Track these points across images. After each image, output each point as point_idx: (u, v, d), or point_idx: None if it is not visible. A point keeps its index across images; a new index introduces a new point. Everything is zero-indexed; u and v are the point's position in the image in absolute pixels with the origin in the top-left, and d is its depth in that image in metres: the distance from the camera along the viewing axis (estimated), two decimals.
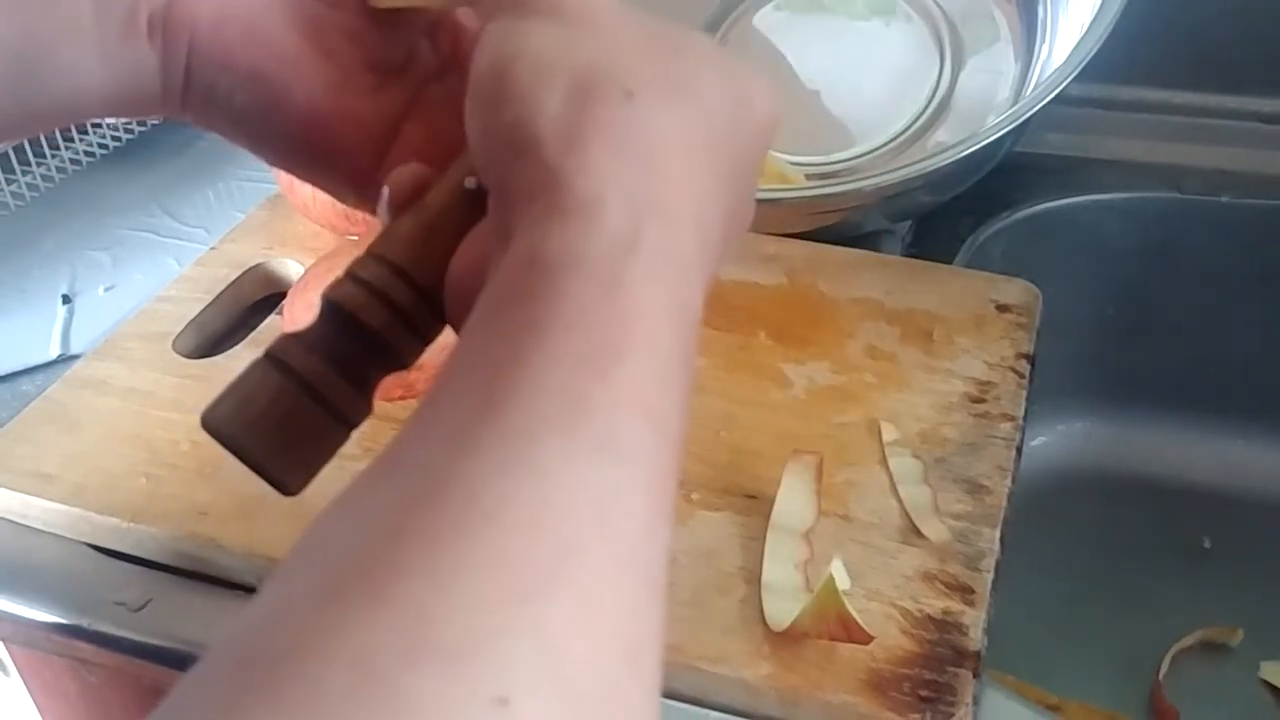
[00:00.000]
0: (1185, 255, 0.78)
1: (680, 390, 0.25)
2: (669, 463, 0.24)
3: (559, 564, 0.20)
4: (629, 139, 0.26)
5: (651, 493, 0.23)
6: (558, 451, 0.22)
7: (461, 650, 0.19)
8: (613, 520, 0.22)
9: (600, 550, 0.21)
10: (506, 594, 0.20)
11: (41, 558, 0.53)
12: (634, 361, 0.24)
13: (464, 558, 0.20)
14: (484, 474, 0.21)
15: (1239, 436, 0.82)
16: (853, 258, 0.67)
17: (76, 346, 0.68)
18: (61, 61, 0.33)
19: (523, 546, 0.20)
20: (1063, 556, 0.76)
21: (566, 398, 0.23)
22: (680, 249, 0.26)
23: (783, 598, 0.47)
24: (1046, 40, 0.73)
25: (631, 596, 0.22)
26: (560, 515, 0.21)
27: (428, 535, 0.20)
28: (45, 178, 0.79)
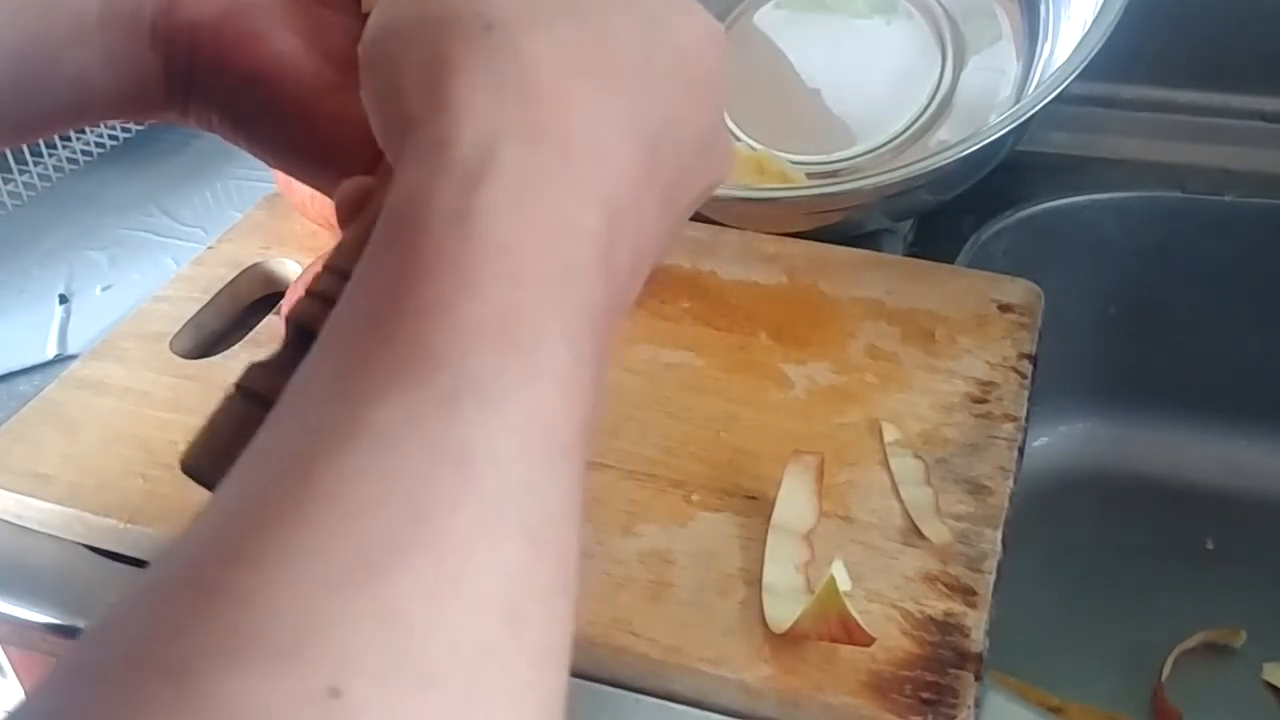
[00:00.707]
0: (1188, 255, 0.78)
1: (562, 319, 0.23)
2: (559, 400, 0.22)
3: (407, 534, 0.19)
4: (487, 68, 0.24)
5: (527, 437, 0.21)
6: (404, 409, 0.20)
7: (290, 644, 0.17)
8: (475, 474, 0.20)
9: (461, 510, 0.19)
10: (343, 577, 0.18)
11: (38, 558, 0.53)
12: (491, 296, 0.22)
13: (296, 543, 0.18)
14: (324, 449, 0.20)
15: (1242, 437, 0.82)
16: (854, 257, 0.67)
17: (74, 346, 0.68)
18: (67, 65, 0.33)
19: (360, 522, 0.19)
20: (1065, 557, 0.76)
21: (414, 349, 0.21)
22: (551, 166, 0.24)
23: (783, 599, 0.47)
24: (1049, 38, 0.73)
25: (506, 555, 0.20)
26: (408, 480, 0.19)
27: (259, 523, 0.19)
28: (42, 177, 0.79)
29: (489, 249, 0.22)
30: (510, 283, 0.22)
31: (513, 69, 0.25)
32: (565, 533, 0.22)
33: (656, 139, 0.27)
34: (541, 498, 0.21)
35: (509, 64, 0.25)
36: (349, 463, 0.19)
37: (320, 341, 0.23)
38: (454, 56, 0.25)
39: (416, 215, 0.23)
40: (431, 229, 0.22)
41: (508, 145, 0.23)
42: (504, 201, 0.23)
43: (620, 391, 0.58)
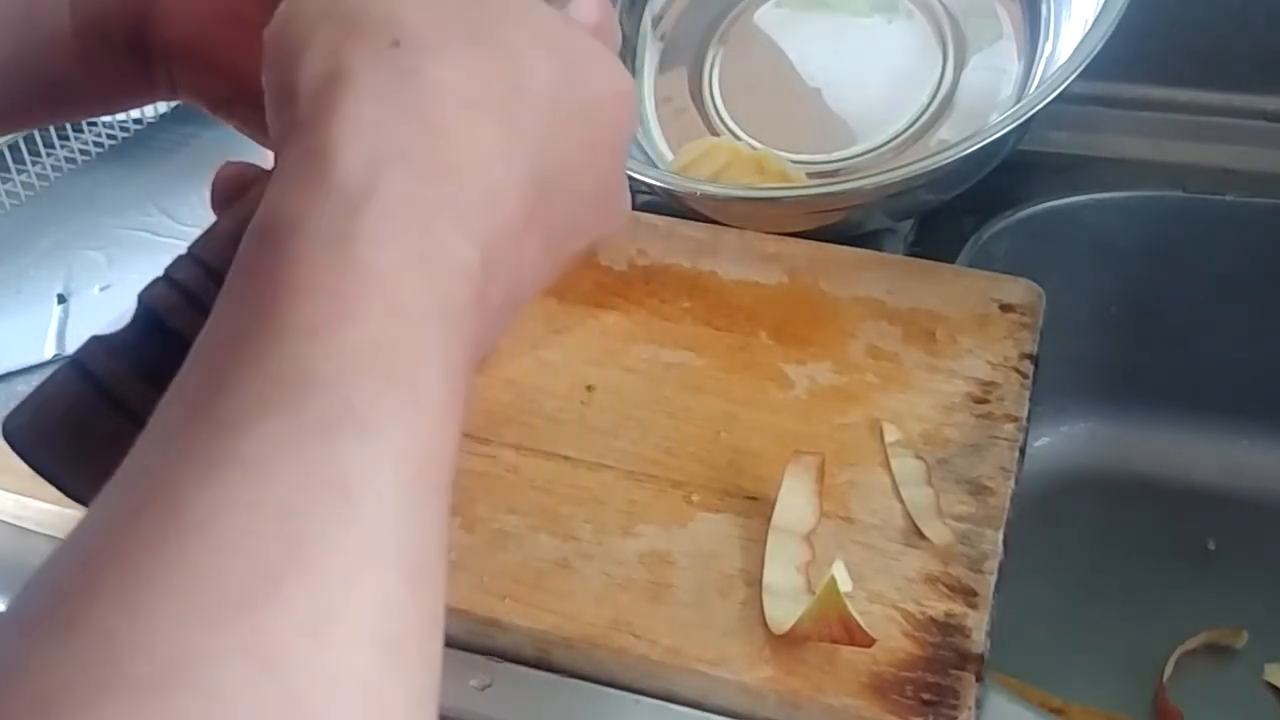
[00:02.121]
0: (1190, 254, 0.77)
1: (439, 353, 0.22)
2: (435, 433, 0.21)
3: (283, 566, 0.18)
4: (385, 86, 0.23)
5: (407, 467, 0.20)
6: (277, 437, 0.19)
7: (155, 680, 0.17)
8: (351, 505, 0.19)
9: (331, 542, 0.19)
10: (214, 611, 0.17)
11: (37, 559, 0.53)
12: (370, 324, 0.21)
13: (162, 576, 0.18)
14: (194, 477, 0.19)
15: (1244, 437, 0.82)
16: (854, 257, 0.67)
17: (72, 346, 0.67)
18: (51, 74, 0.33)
19: (233, 554, 0.18)
20: (1066, 558, 0.76)
21: (287, 374, 0.20)
22: (438, 198, 0.23)
23: (784, 600, 0.46)
24: (1050, 37, 0.73)
25: (385, 588, 0.19)
26: (282, 510, 0.19)
27: (122, 555, 0.18)
28: (40, 176, 0.79)
29: (369, 277, 0.21)
30: (390, 314, 0.21)
31: (412, 91, 0.24)
32: (438, 567, 0.21)
33: (548, 184, 0.26)
34: (419, 531, 0.20)
35: (409, 85, 0.24)
36: (219, 492, 0.19)
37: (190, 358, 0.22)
38: (353, 65, 0.24)
39: (293, 231, 0.22)
40: (309, 249, 0.21)
41: (395, 172, 0.22)
42: (386, 230, 0.22)
43: (620, 391, 0.57)
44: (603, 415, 0.56)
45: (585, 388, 0.58)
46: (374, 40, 0.24)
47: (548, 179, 0.26)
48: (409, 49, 0.24)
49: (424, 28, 0.24)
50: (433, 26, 0.25)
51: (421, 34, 0.24)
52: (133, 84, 0.34)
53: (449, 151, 0.23)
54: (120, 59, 0.34)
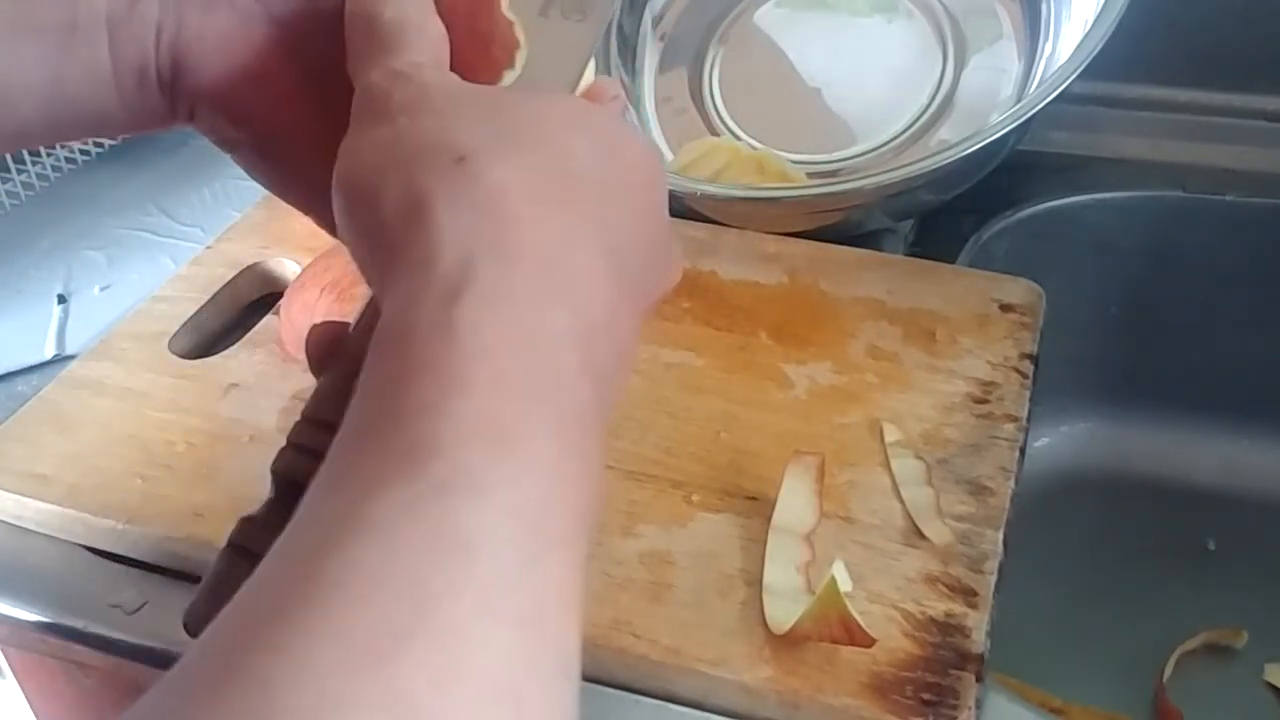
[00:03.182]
0: (1190, 254, 0.77)
1: (548, 415, 0.24)
2: (544, 490, 0.23)
3: (410, 620, 0.20)
4: (461, 196, 0.26)
5: (520, 524, 0.22)
6: (400, 501, 0.21)
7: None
8: (470, 561, 0.21)
9: (460, 596, 0.20)
10: (355, 661, 0.19)
11: (37, 559, 0.53)
12: (478, 395, 0.23)
13: (309, 629, 0.19)
14: (329, 542, 0.21)
15: (1243, 437, 0.82)
16: (854, 257, 0.67)
17: (72, 346, 0.68)
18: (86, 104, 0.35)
19: (370, 609, 0.20)
20: (1066, 558, 0.76)
21: (408, 446, 0.22)
22: (525, 280, 0.26)
23: (784, 600, 0.46)
24: (1050, 37, 0.73)
25: (506, 639, 0.21)
26: (407, 568, 0.20)
27: (273, 612, 0.20)
28: (40, 176, 0.79)
29: (471, 353, 0.24)
30: (494, 383, 0.23)
31: (483, 195, 0.26)
32: (564, 617, 0.22)
33: (619, 253, 0.29)
34: (537, 583, 0.22)
35: (480, 191, 0.26)
36: (351, 554, 0.20)
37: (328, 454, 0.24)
38: (429, 187, 0.26)
39: (405, 329, 0.24)
40: (418, 339, 0.24)
41: (484, 262, 0.25)
42: (482, 311, 0.24)
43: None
44: None
45: None
46: (439, 162, 0.27)
47: (616, 248, 0.29)
48: (472, 160, 0.27)
49: (479, 141, 0.27)
50: (486, 139, 0.28)
51: (478, 147, 0.27)
52: (157, 115, 0.37)
53: (527, 240, 0.26)
54: (151, 96, 0.36)
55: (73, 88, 0.35)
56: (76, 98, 0.35)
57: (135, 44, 0.35)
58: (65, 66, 0.34)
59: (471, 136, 0.28)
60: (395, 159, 0.28)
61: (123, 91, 0.35)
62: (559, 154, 0.28)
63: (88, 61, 0.34)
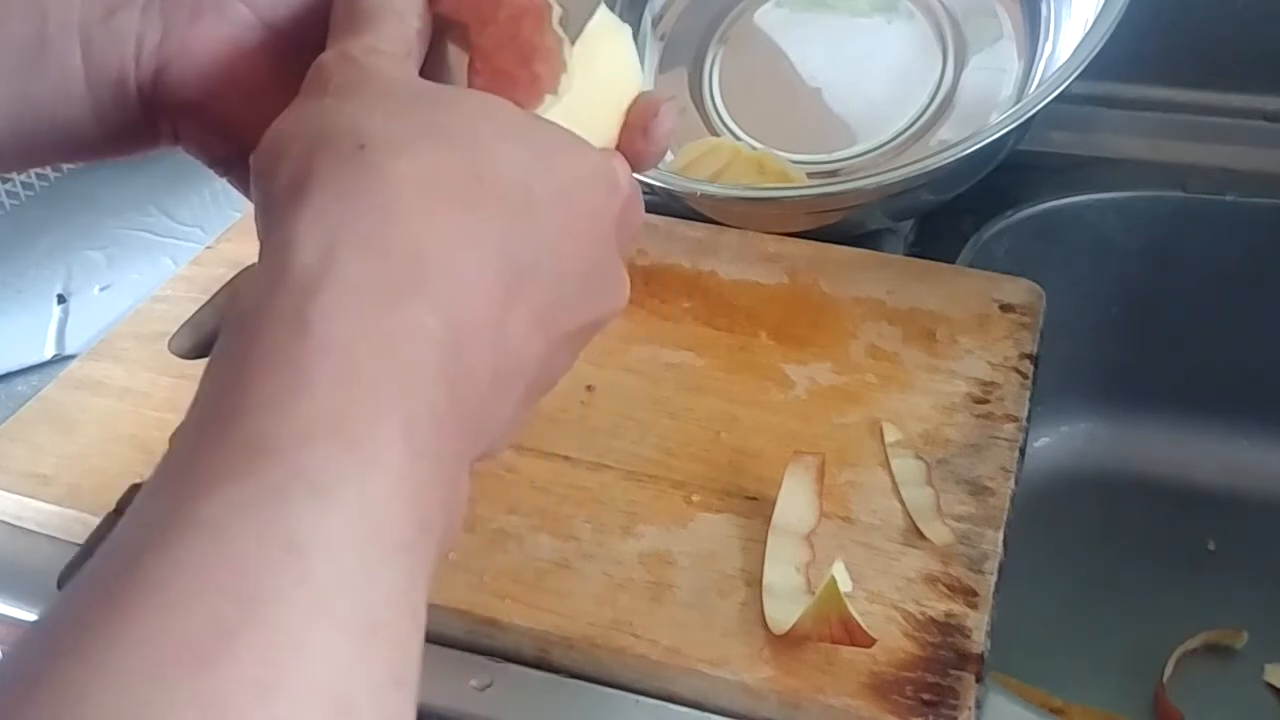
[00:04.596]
0: (1190, 254, 0.77)
1: (396, 416, 0.23)
2: (386, 493, 0.22)
3: (235, 624, 0.19)
4: (346, 184, 0.25)
5: (358, 528, 0.21)
6: (234, 501, 0.20)
7: None
8: (302, 566, 0.20)
9: (291, 600, 0.20)
10: (167, 666, 0.18)
11: (36, 560, 0.53)
12: (322, 392, 0.22)
13: (119, 634, 0.18)
14: (153, 542, 0.20)
15: (1244, 437, 0.82)
16: (855, 257, 0.67)
17: (72, 346, 0.68)
18: (58, 121, 0.34)
19: (187, 612, 0.19)
20: (1066, 558, 0.76)
21: (247, 444, 0.21)
22: (394, 277, 0.24)
23: (784, 600, 0.46)
24: (1050, 37, 0.73)
25: (338, 646, 0.20)
26: (235, 570, 0.19)
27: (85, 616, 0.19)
28: (40, 176, 0.79)
29: (321, 349, 0.23)
30: (342, 381, 0.22)
31: (374, 185, 0.25)
32: (402, 625, 0.22)
33: (525, 265, 0.27)
34: (375, 590, 0.21)
35: (370, 180, 0.25)
36: (175, 554, 0.19)
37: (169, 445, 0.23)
38: (321, 169, 0.25)
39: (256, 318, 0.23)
40: (267, 329, 0.23)
41: (349, 255, 0.24)
42: (339, 306, 0.23)
43: (620, 391, 0.57)
44: (602, 415, 0.56)
45: (585, 388, 0.58)
46: (340, 146, 0.26)
47: (524, 259, 0.27)
48: (372, 150, 0.26)
49: (389, 132, 0.26)
50: (398, 130, 0.26)
51: (386, 137, 0.26)
52: (138, 134, 0.35)
53: (406, 235, 0.25)
54: (130, 110, 0.34)
55: (43, 105, 0.33)
56: (47, 115, 0.33)
57: (112, 56, 0.33)
58: (34, 82, 0.33)
59: (385, 127, 0.26)
60: (302, 135, 0.27)
61: (98, 108, 0.34)
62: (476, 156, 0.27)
63: (58, 76, 0.33)
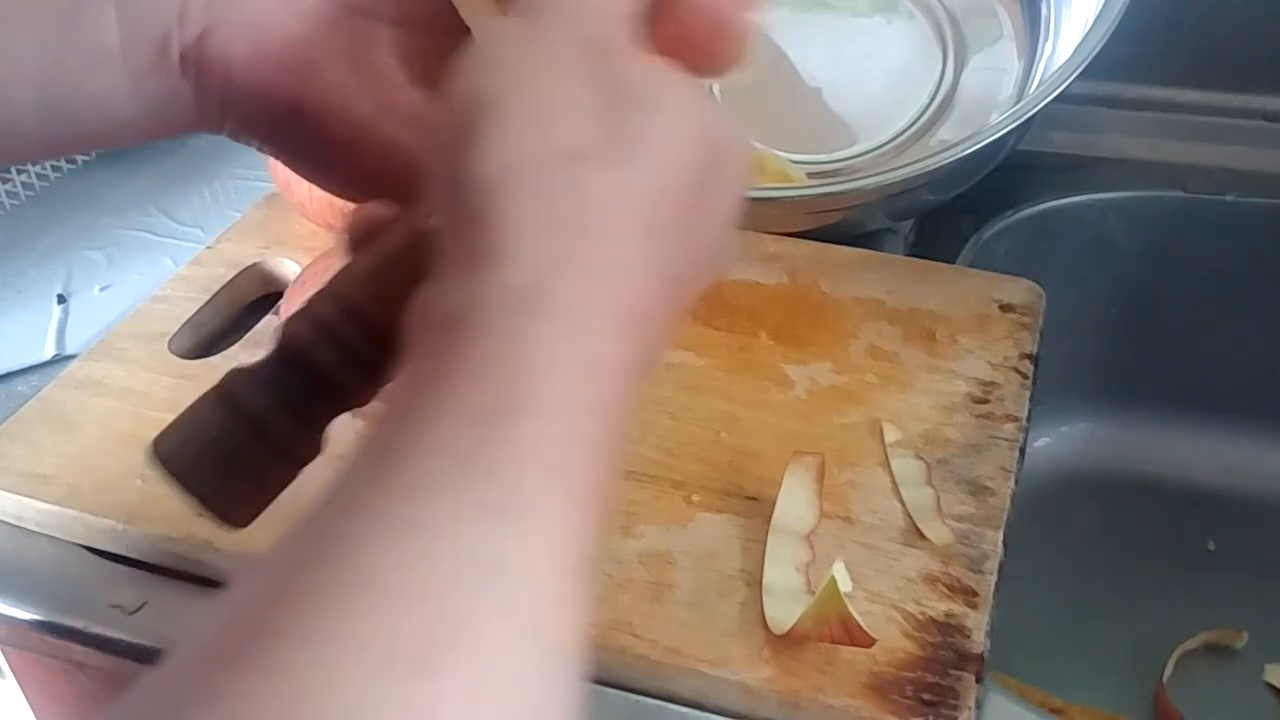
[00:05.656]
0: (1190, 254, 0.77)
1: (597, 447, 0.24)
2: (583, 523, 0.23)
3: (444, 632, 0.20)
4: (556, 195, 0.25)
5: (557, 555, 0.22)
6: (447, 510, 0.21)
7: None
8: (508, 584, 0.21)
9: (493, 617, 0.20)
10: (384, 665, 0.19)
11: (36, 559, 0.53)
12: (536, 418, 0.23)
13: (341, 625, 0.19)
14: (368, 535, 0.20)
15: (1244, 437, 0.82)
16: (855, 257, 0.67)
17: (72, 346, 0.68)
18: (89, 91, 0.32)
19: (405, 613, 0.20)
20: (1066, 558, 0.76)
21: (459, 455, 0.22)
22: (600, 306, 0.25)
23: (784, 600, 0.46)
24: (1050, 37, 0.73)
25: (531, 664, 0.21)
26: (448, 579, 0.20)
27: (307, 600, 0.20)
28: (40, 176, 0.79)
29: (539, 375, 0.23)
30: (557, 410, 0.23)
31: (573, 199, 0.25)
32: (579, 652, 0.22)
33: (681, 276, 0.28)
34: (568, 615, 0.22)
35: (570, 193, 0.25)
36: (395, 554, 0.20)
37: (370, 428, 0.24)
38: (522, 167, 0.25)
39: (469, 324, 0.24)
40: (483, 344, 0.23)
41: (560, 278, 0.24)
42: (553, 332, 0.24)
43: None
44: None
45: None
46: (543, 145, 0.25)
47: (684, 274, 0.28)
48: (572, 157, 0.25)
49: (595, 138, 0.26)
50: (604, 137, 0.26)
51: (585, 143, 0.26)
52: (178, 109, 0.33)
53: (604, 260, 0.25)
54: (171, 79, 0.32)
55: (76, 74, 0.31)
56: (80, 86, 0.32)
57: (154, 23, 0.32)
58: (66, 48, 0.31)
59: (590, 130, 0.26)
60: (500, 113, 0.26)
61: (136, 77, 0.32)
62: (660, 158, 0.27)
63: (93, 43, 0.31)
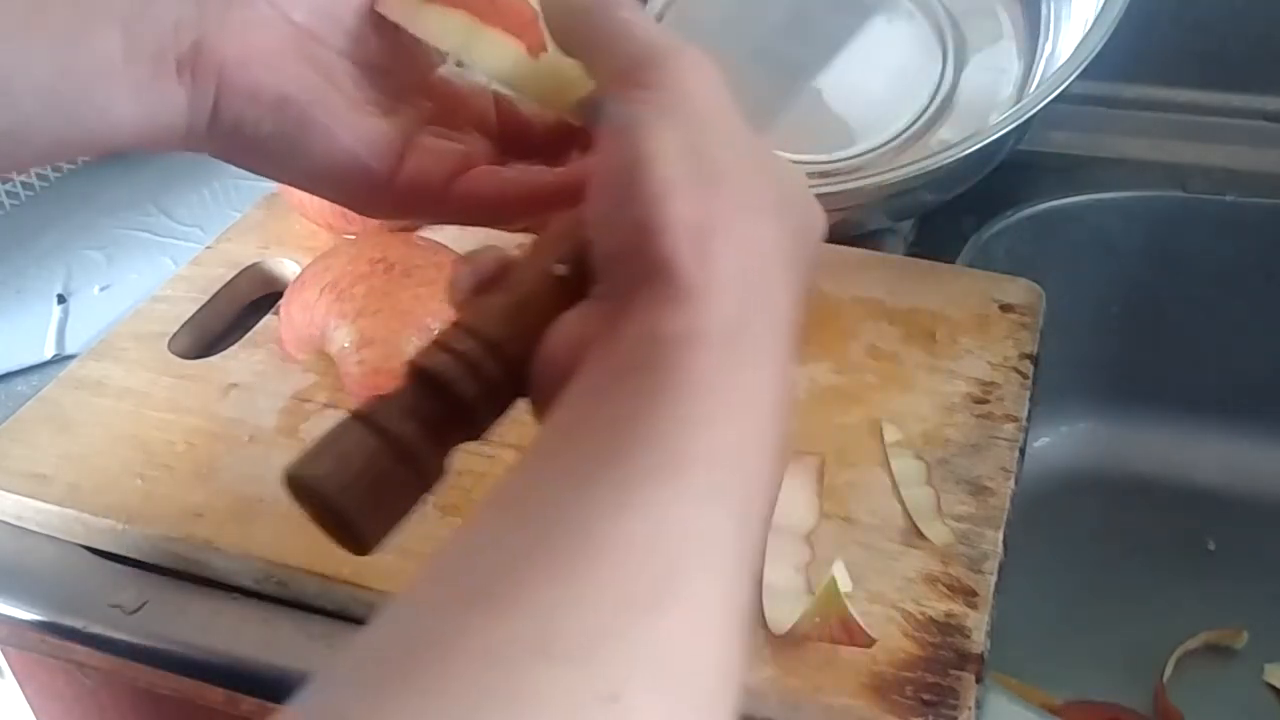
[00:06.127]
0: (1190, 254, 0.77)
1: (772, 454, 0.28)
2: (761, 514, 0.27)
3: (669, 586, 0.23)
4: (741, 243, 0.29)
5: (743, 539, 0.26)
6: (667, 497, 0.25)
7: (582, 648, 0.21)
8: (715, 558, 0.25)
9: (702, 580, 0.24)
10: (622, 605, 0.22)
11: (36, 559, 0.53)
12: (735, 428, 0.27)
13: (583, 573, 0.23)
14: (601, 512, 0.24)
15: (1244, 437, 0.82)
16: (855, 257, 0.67)
17: (72, 346, 0.68)
18: (95, 99, 0.35)
19: (634, 570, 0.23)
20: (1066, 558, 0.76)
21: (676, 453, 0.26)
22: (778, 338, 0.30)
23: (784, 600, 0.46)
24: (1050, 37, 0.73)
25: (726, 624, 0.24)
26: (669, 547, 0.24)
27: (549, 556, 0.23)
28: (40, 176, 0.79)
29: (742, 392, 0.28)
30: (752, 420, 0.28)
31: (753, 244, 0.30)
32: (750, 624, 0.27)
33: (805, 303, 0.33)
34: (749, 592, 0.26)
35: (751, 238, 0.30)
36: (622, 526, 0.24)
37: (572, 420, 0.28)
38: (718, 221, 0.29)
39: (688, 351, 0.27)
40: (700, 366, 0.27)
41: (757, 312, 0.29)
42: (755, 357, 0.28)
43: None
44: None
45: None
46: (730, 197, 0.30)
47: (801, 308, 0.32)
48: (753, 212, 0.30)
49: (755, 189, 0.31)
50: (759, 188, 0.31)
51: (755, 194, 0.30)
52: (171, 117, 0.36)
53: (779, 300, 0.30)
54: (168, 85, 0.35)
55: (80, 80, 0.34)
56: (85, 94, 0.34)
57: (152, 37, 0.35)
58: (73, 59, 0.34)
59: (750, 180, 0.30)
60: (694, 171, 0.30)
61: (136, 84, 0.35)
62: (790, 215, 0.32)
63: (98, 55, 0.34)
